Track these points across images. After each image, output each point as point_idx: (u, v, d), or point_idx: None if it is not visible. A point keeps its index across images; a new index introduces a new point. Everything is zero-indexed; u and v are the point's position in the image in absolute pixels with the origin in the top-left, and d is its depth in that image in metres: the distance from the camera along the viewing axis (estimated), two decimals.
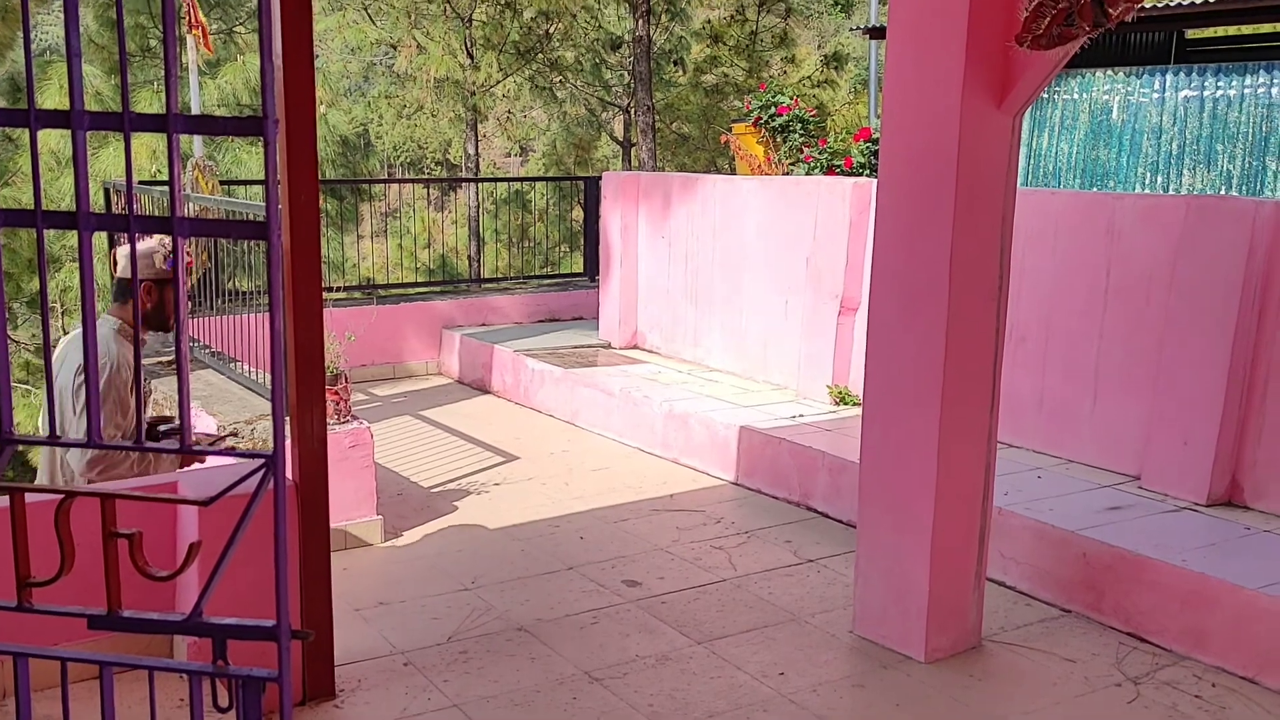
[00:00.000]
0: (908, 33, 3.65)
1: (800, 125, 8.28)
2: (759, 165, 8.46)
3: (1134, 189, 9.40)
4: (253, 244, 5.84)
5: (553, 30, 16.50)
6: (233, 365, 5.70)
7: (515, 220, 16.38)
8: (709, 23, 17.13)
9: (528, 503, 5.46)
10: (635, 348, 8.09)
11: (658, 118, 16.11)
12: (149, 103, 14.01)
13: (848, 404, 6.23)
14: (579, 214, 11.26)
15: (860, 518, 3.98)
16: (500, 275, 11.97)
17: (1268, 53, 9.33)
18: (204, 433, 4.38)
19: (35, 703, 1.52)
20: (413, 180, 19.45)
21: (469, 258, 16.61)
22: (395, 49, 17.14)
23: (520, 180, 18.49)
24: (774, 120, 8.33)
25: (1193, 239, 4.70)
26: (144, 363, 6.30)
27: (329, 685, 3.45)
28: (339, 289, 8.51)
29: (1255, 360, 4.60)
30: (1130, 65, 9.70)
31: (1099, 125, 9.80)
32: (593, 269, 9.54)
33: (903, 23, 3.66)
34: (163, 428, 3.94)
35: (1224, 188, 8.98)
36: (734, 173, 9.22)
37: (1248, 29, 10.27)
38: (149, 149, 12.94)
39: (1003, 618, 4.15)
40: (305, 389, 3.29)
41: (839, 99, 18.48)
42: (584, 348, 8.01)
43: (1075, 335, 5.26)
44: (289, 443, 3.33)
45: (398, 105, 20.42)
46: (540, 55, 16.47)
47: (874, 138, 7.67)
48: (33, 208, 1.28)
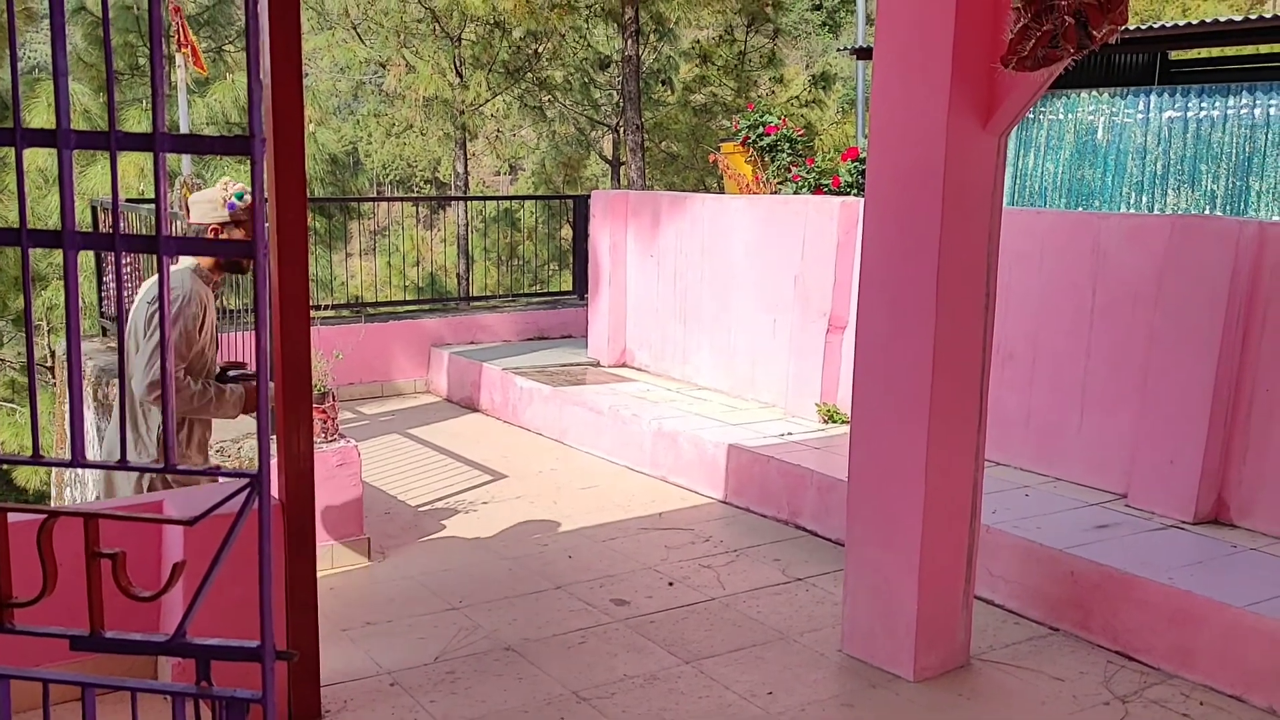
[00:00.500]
0: (894, 54, 3.67)
1: (788, 145, 8.32)
2: (747, 184, 8.49)
3: (1119, 209, 9.46)
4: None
5: (541, 50, 16.57)
6: None
7: (504, 238, 16.40)
8: (697, 43, 17.23)
9: (516, 521, 5.45)
10: (624, 366, 8.09)
11: (646, 137, 16.18)
12: (138, 121, 14.00)
13: (836, 422, 6.24)
14: (568, 232, 11.29)
15: (848, 536, 3.97)
16: (489, 293, 11.98)
17: (1250, 74, 9.43)
18: (242, 368, 4.15)
19: None
20: (402, 198, 19.46)
21: (458, 276, 16.61)
22: (384, 68, 17.18)
23: (509, 199, 18.52)
24: (762, 140, 8.36)
25: (1178, 258, 4.74)
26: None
27: (315, 706, 3.43)
28: (327, 307, 8.50)
29: (1240, 379, 4.62)
30: (1115, 86, 9.79)
31: (1084, 145, 9.87)
32: (581, 287, 9.56)
33: (890, 44, 3.69)
34: (232, 373, 3.91)
35: (1208, 208, 9.05)
36: (722, 191, 9.25)
37: (1230, 51, 10.37)
38: (137, 167, 12.93)
39: (991, 636, 4.15)
40: (292, 407, 3.28)
41: (827, 119, 18.59)
42: (573, 366, 8.01)
43: (1062, 354, 5.28)
44: (275, 461, 3.31)
45: (387, 124, 20.46)
46: (529, 74, 16.53)
47: (861, 157, 7.71)
48: (18, 226, 1.27)
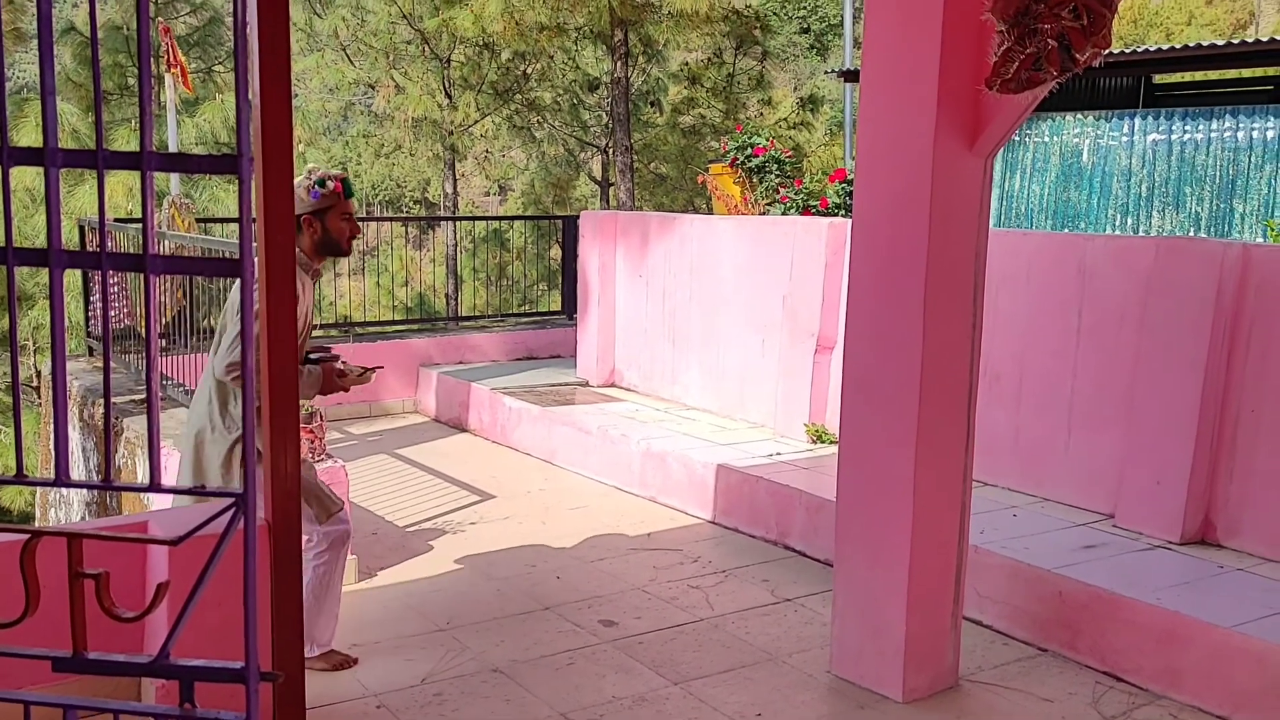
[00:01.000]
0: (881, 77, 3.70)
1: (776, 166, 8.36)
2: (736, 205, 8.53)
3: (1104, 230, 9.53)
4: (228, 282, 5.83)
5: (530, 71, 16.63)
6: None
7: (493, 259, 16.41)
8: (686, 65, 17.32)
9: (504, 542, 5.43)
10: (613, 386, 8.09)
11: (635, 158, 16.23)
12: (126, 140, 13.99)
13: (825, 442, 6.24)
14: (557, 253, 11.30)
15: (837, 556, 3.97)
16: (478, 313, 11.97)
17: (1233, 98, 9.53)
18: (325, 351, 4.11)
19: None
20: (391, 218, 19.46)
21: (447, 296, 16.61)
22: (374, 89, 17.22)
23: (499, 219, 18.54)
24: (750, 161, 8.41)
25: (1163, 280, 4.77)
26: (115, 401, 6.25)
27: None
28: (315, 326, 8.48)
29: (1226, 400, 4.65)
30: (1100, 109, 9.88)
31: (1070, 168, 9.95)
32: (571, 307, 9.56)
33: (876, 67, 3.72)
34: (314, 355, 3.91)
35: (1192, 229, 9.12)
36: (711, 212, 9.28)
37: (1214, 75, 10.49)
38: (125, 187, 12.91)
39: (980, 657, 4.14)
40: (279, 427, 3.27)
41: (815, 140, 18.69)
42: (562, 386, 8.00)
43: (1049, 374, 5.31)
44: (261, 481, 3.30)
45: (376, 144, 20.48)
46: (518, 95, 16.59)
47: (849, 179, 7.75)
48: (3, 244, 1.27)
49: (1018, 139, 10.12)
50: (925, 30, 3.49)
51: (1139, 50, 9.74)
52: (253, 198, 2.78)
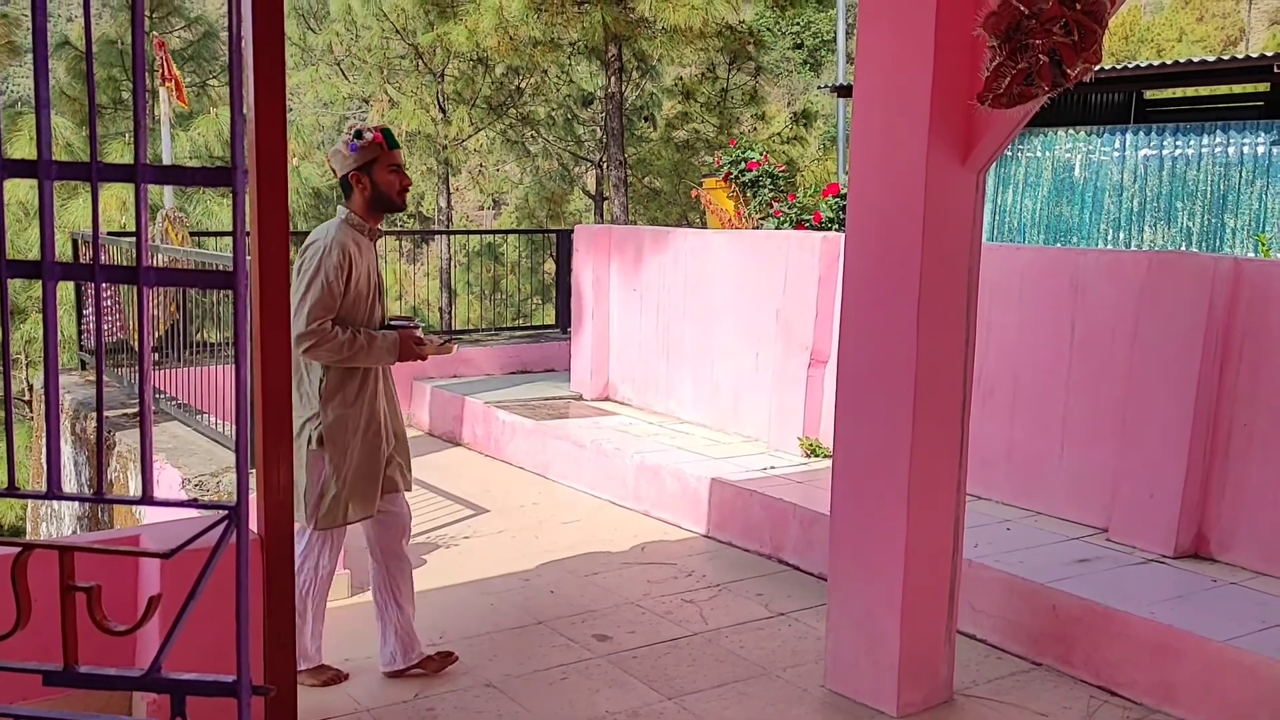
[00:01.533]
0: (874, 92, 3.72)
1: (770, 180, 8.39)
2: (729, 219, 8.55)
3: (1096, 245, 9.57)
4: (223, 295, 5.82)
5: (524, 86, 16.67)
6: (199, 417, 5.64)
7: (487, 272, 16.42)
8: (680, 80, 17.38)
9: (497, 556, 5.41)
10: (607, 399, 8.08)
11: (630, 172, 16.27)
12: (120, 154, 14.00)
13: (819, 456, 6.24)
14: (551, 267, 11.32)
15: (831, 571, 3.97)
16: (472, 327, 11.96)
17: (1224, 113, 9.59)
18: (408, 321, 4.03)
19: None
20: (384, 232, 19.43)
21: (441, 310, 16.60)
22: (368, 103, 17.25)
23: (493, 233, 18.55)
24: (744, 175, 8.43)
25: (1155, 294, 4.78)
26: (107, 415, 6.24)
27: None
28: None
29: (1218, 413, 4.66)
30: (1091, 124, 9.93)
31: (1062, 182, 9.99)
32: (565, 321, 9.56)
33: (869, 82, 3.73)
34: (394, 322, 3.88)
35: (1184, 244, 9.16)
36: (705, 227, 9.30)
37: (1205, 90, 10.55)
38: (119, 200, 12.91)
39: (974, 671, 4.14)
40: (272, 440, 3.26)
41: (808, 155, 18.75)
42: (555, 400, 7.99)
43: (1042, 388, 5.32)
44: (254, 495, 3.29)
45: None
46: (512, 110, 16.62)
47: (842, 193, 7.77)
48: None
49: (1010, 154, 10.16)
50: (918, 46, 3.51)
51: (1130, 66, 9.80)
52: (246, 211, 2.79)
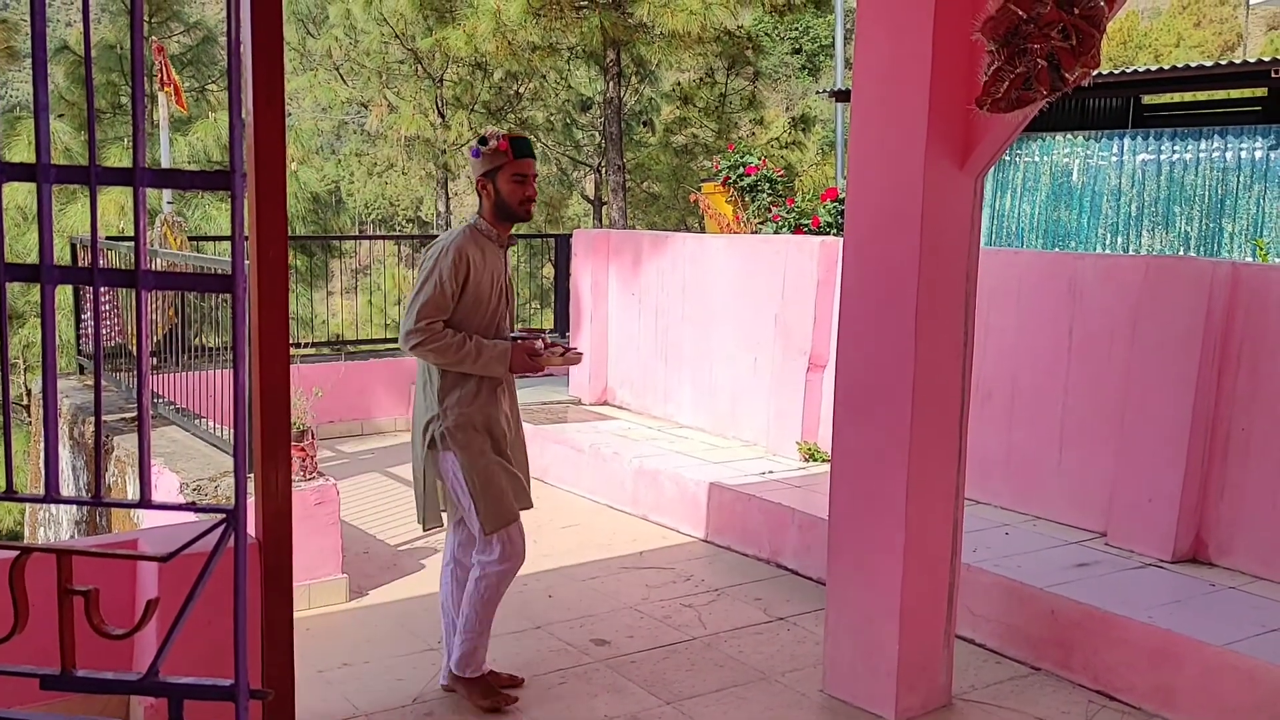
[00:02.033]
0: (872, 97, 3.72)
1: (768, 185, 8.39)
2: (728, 224, 8.55)
3: (1094, 249, 9.58)
4: (221, 299, 5.82)
5: (523, 90, 16.70)
6: (198, 422, 5.64)
7: None
8: (679, 85, 17.40)
9: None
10: (605, 404, 8.08)
11: (628, 177, 16.28)
12: (119, 159, 13.99)
13: (817, 460, 6.24)
14: (550, 271, 11.31)
15: (829, 575, 3.97)
16: None
17: (1221, 118, 9.60)
18: (535, 333, 3.94)
19: None
20: (383, 237, 19.47)
21: None
22: (367, 108, 17.26)
23: None
24: (742, 180, 8.44)
25: (1153, 298, 4.79)
26: (105, 419, 6.23)
27: None
28: (308, 344, 8.47)
29: (1216, 418, 4.66)
30: (1090, 129, 9.94)
31: (1060, 187, 10.00)
32: (563, 325, 9.55)
33: (867, 87, 3.74)
34: (515, 335, 3.80)
35: (1182, 248, 9.17)
36: (703, 231, 9.31)
37: (1202, 95, 10.56)
38: (117, 205, 12.91)
39: (973, 676, 4.13)
40: (270, 444, 3.26)
41: (806, 160, 18.76)
42: (554, 404, 7.99)
43: (1040, 393, 5.32)
44: (252, 499, 3.29)
45: (369, 163, 20.51)
46: (511, 115, 16.64)
47: (840, 198, 7.78)
48: None
49: (1008, 158, 10.18)
50: (916, 51, 3.52)
51: (1128, 71, 9.81)
52: (245, 215, 2.78)
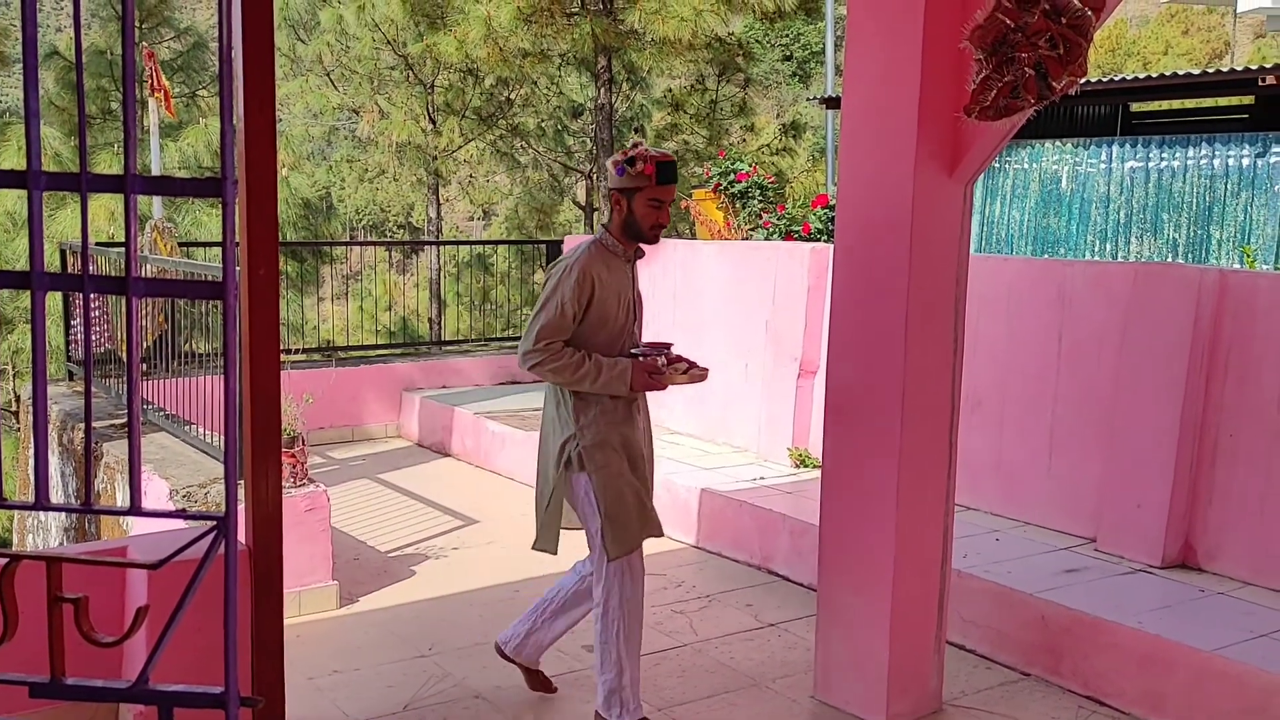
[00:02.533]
0: (862, 104, 3.74)
1: (759, 191, 8.40)
2: (719, 230, 8.56)
3: (1083, 256, 9.61)
4: (212, 306, 5.81)
5: (514, 97, 16.70)
6: (187, 428, 5.62)
7: (477, 283, 16.41)
8: (670, 91, 17.43)
9: (487, 567, 5.40)
10: None
11: None
12: (109, 165, 13.95)
13: (808, 466, 6.25)
14: (540, 277, 11.31)
15: (820, 581, 3.97)
16: (461, 337, 11.95)
17: (1209, 126, 9.66)
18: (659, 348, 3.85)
19: None
20: (374, 243, 19.47)
21: (430, 320, 16.58)
22: (358, 114, 17.25)
23: (482, 243, 18.56)
24: (733, 186, 8.45)
25: (1141, 305, 4.81)
26: (95, 425, 6.21)
27: None
28: (298, 350, 8.44)
29: (1205, 424, 4.68)
30: (1078, 137, 9.99)
31: (1049, 194, 10.04)
32: None
33: (858, 94, 3.76)
34: (635, 350, 3.68)
35: (1170, 255, 9.21)
36: (694, 237, 9.32)
37: (1190, 103, 10.62)
38: (108, 211, 12.86)
39: (963, 681, 4.14)
40: (261, 451, 3.25)
41: (797, 166, 18.80)
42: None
43: (1029, 399, 5.33)
44: (243, 506, 3.28)
45: (360, 169, 20.50)
46: (502, 121, 16.64)
47: (831, 204, 7.80)
48: None
49: (997, 166, 10.21)
50: (905, 58, 3.54)
51: (1117, 79, 9.86)
52: (236, 221, 2.78)
